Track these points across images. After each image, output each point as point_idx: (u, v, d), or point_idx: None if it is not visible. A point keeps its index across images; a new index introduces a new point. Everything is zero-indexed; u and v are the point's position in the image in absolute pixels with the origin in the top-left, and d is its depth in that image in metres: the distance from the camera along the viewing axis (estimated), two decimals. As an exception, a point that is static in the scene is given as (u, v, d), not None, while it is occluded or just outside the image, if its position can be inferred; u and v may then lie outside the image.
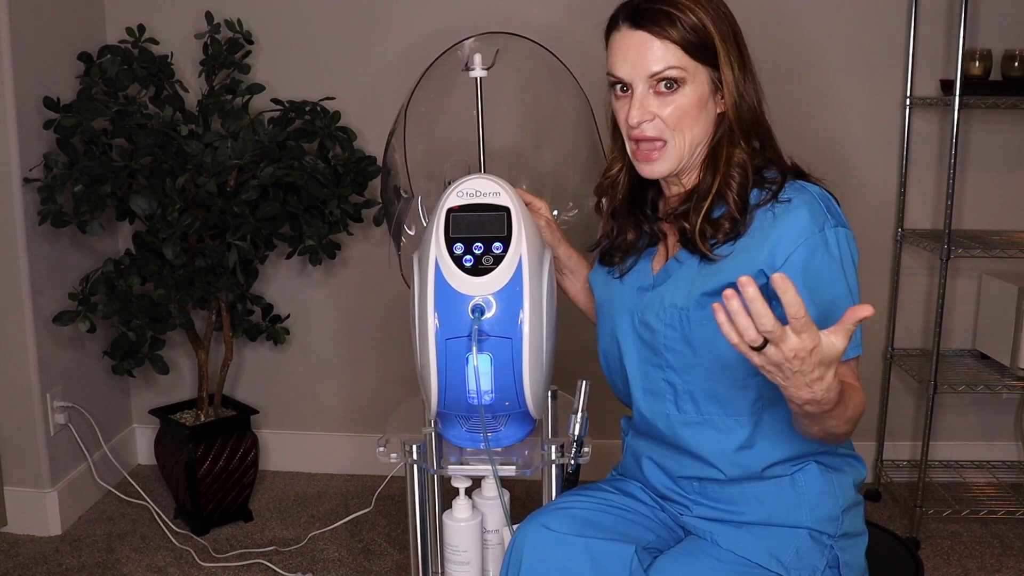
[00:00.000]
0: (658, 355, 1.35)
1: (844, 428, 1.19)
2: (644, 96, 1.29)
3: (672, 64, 1.27)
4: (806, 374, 1.03)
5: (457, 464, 1.42)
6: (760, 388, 1.30)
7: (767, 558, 1.30)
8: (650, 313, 1.35)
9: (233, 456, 2.57)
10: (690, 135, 1.30)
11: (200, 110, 2.44)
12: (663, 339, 1.33)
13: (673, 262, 1.36)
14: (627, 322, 1.39)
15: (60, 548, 2.46)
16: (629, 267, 1.42)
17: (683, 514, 1.39)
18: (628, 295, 1.40)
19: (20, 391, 2.46)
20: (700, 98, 1.29)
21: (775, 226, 1.25)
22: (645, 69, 1.28)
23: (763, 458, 1.32)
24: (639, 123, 1.30)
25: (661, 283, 1.36)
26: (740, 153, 1.31)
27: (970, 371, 2.57)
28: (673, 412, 1.35)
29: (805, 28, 2.57)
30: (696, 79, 1.28)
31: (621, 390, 1.46)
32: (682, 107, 1.29)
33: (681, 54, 1.27)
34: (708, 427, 1.33)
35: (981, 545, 2.48)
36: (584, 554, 1.27)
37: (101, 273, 2.33)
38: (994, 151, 2.63)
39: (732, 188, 1.29)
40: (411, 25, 2.63)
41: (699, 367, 1.31)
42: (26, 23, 2.34)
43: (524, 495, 2.66)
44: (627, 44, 1.29)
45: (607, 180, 1.46)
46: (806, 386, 1.05)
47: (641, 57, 1.28)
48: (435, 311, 1.25)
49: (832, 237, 1.24)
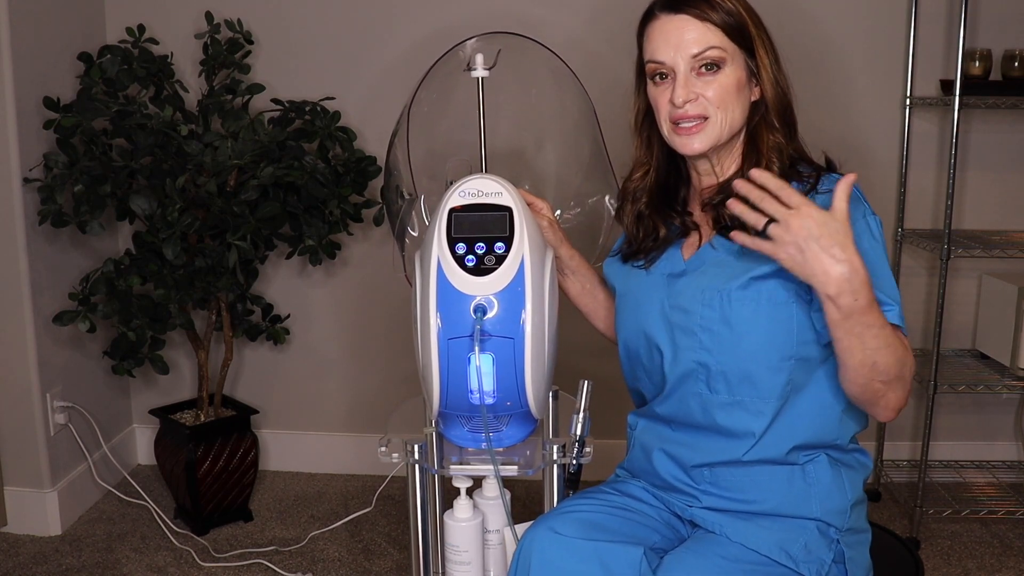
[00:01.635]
0: (692, 337, 1.35)
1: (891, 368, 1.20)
2: (687, 77, 1.33)
3: (714, 44, 1.31)
4: (819, 238, 1.13)
5: (458, 464, 1.42)
6: (792, 371, 1.32)
7: (776, 550, 1.31)
8: (684, 297, 1.36)
9: (233, 456, 2.57)
10: (731, 115, 1.34)
11: (200, 110, 2.44)
12: (699, 319, 1.34)
13: (708, 248, 1.37)
14: (655, 308, 1.40)
15: (60, 548, 2.46)
16: (654, 258, 1.43)
17: (691, 505, 1.39)
18: (656, 282, 1.41)
19: (20, 391, 2.46)
20: (739, 80, 1.34)
21: None
22: (688, 50, 1.32)
23: (782, 441, 1.34)
24: (684, 102, 1.33)
25: (695, 269, 1.37)
26: (777, 136, 1.36)
27: (970, 371, 2.58)
28: (705, 392, 1.36)
29: (805, 28, 2.57)
30: (735, 61, 1.33)
31: (642, 379, 1.46)
32: (724, 86, 1.33)
33: (721, 35, 1.32)
34: (739, 408, 1.34)
35: (981, 545, 2.48)
36: (593, 557, 1.27)
37: (101, 273, 2.33)
38: (994, 151, 2.63)
39: (773, 172, 1.31)
40: (412, 25, 2.63)
41: (736, 348, 1.32)
42: (26, 23, 2.34)
43: (525, 495, 2.66)
44: (668, 28, 1.33)
45: (632, 184, 1.48)
46: (827, 254, 1.13)
47: (682, 38, 1.32)
48: (437, 311, 1.25)
49: (874, 223, 1.31)
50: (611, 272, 1.51)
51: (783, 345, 1.31)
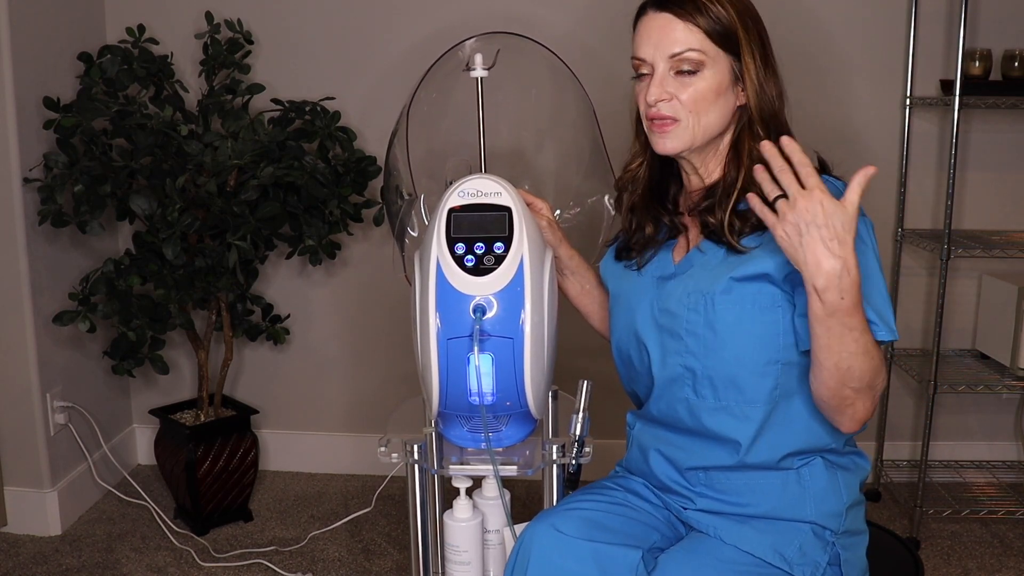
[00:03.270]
0: (678, 340, 1.35)
1: (866, 376, 1.19)
2: (664, 76, 1.32)
3: (693, 46, 1.30)
4: (821, 227, 1.12)
5: (458, 464, 1.42)
6: (778, 376, 1.31)
7: (770, 553, 1.31)
8: (672, 300, 1.36)
9: (233, 456, 2.57)
10: (705, 119, 1.33)
11: (200, 110, 2.44)
12: (685, 324, 1.34)
13: (696, 252, 1.37)
14: (646, 311, 1.40)
15: (60, 548, 2.46)
16: (648, 259, 1.43)
17: (686, 507, 1.40)
18: (647, 284, 1.41)
19: (20, 391, 2.46)
20: (719, 84, 1.32)
21: None
22: (667, 49, 1.31)
23: (773, 449, 1.33)
24: (656, 101, 1.32)
25: (683, 272, 1.37)
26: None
27: (970, 371, 2.57)
28: (692, 397, 1.36)
29: (805, 28, 2.57)
30: (716, 65, 1.31)
31: (636, 380, 1.47)
32: (700, 91, 1.31)
33: (703, 38, 1.30)
34: (725, 413, 1.34)
35: (981, 545, 2.48)
36: (590, 559, 1.27)
37: (101, 273, 2.33)
38: (994, 151, 2.63)
39: (756, 183, 1.30)
40: (411, 25, 2.63)
41: (721, 352, 1.32)
42: (26, 23, 2.34)
43: (525, 495, 2.66)
44: (651, 26, 1.32)
45: (628, 174, 1.48)
46: (824, 246, 1.12)
47: (664, 37, 1.31)
48: (436, 311, 1.25)
49: (862, 226, 1.28)
50: (606, 273, 1.52)
51: (768, 349, 1.30)
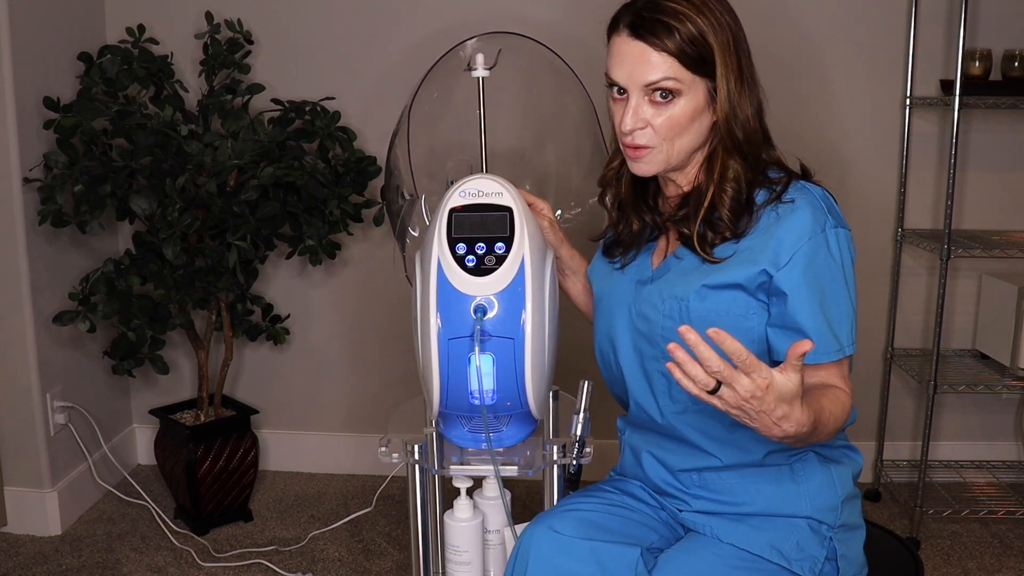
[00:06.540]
0: (654, 346, 1.36)
1: (830, 433, 1.22)
2: (639, 104, 1.30)
3: (668, 75, 1.27)
4: (769, 413, 1.07)
5: (459, 464, 1.42)
6: None
7: (768, 549, 1.31)
8: (647, 306, 1.36)
9: (233, 456, 2.57)
10: (679, 143, 1.32)
11: (200, 110, 2.44)
12: (660, 329, 1.34)
13: (672, 258, 1.37)
14: (624, 315, 1.41)
15: (60, 548, 2.45)
16: (631, 260, 1.43)
17: (682, 509, 1.40)
18: (627, 288, 1.42)
19: (20, 391, 2.46)
20: (695, 109, 1.30)
21: (779, 226, 1.28)
22: (641, 79, 1.28)
23: (759, 445, 1.34)
24: (631, 131, 1.31)
25: (660, 277, 1.37)
26: (735, 165, 1.32)
27: (970, 371, 2.58)
28: (667, 403, 1.37)
29: (805, 28, 2.57)
30: (692, 90, 1.29)
31: (618, 382, 1.47)
32: (675, 117, 1.29)
33: (678, 66, 1.27)
34: (703, 415, 1.34)
35: (981, 545, 2.48)
36: (590, 558, 1.27)
37: (101, 273, 2.33)
38: (994, 151, 2.63)
39: (725, 202, 1.31)
40: (412, 25, 2.63)
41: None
42: (26, 23, 2.34)
43: (525, 495, 2.66)
44: (624, 51, 1.29)
45: (610, 171, 1.47)
46: (775, 424, 1.08)
47: (638, 67, 1.28)
48: (437, 311, 1.25)
49: (833, 238, 1.27)
50: (593, 273, 1.52)
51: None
